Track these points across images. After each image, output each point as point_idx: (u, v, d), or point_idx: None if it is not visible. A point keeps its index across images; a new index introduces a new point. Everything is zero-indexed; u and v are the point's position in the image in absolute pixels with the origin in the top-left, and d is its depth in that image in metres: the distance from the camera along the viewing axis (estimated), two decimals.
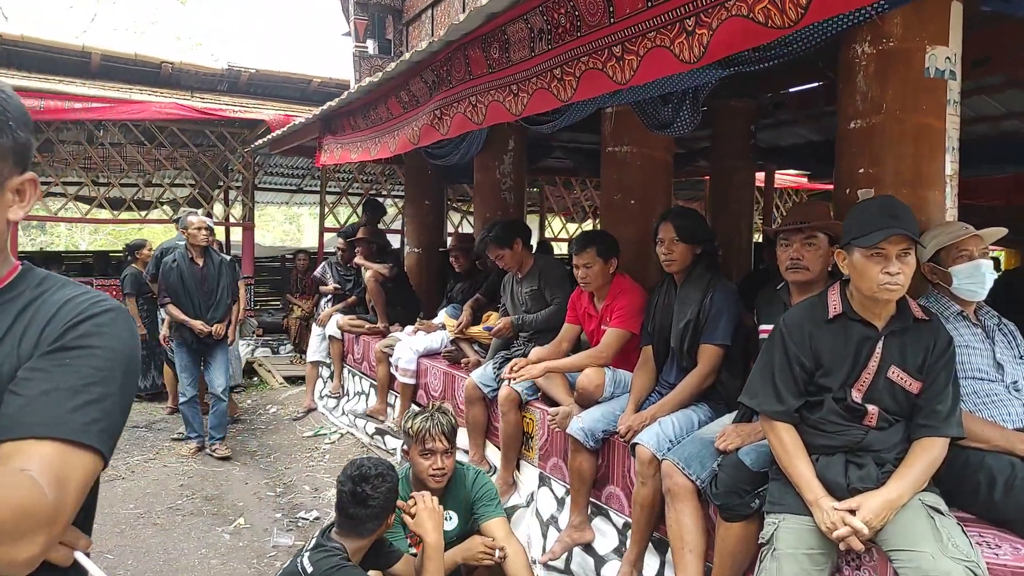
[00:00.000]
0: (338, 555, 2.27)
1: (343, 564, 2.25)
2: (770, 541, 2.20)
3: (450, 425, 2.80)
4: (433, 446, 2.76)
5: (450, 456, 2.83)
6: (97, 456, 1.01)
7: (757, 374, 2.32)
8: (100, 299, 1.10)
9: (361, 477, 2.37)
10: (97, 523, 3.68)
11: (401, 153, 4.60)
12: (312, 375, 7.08)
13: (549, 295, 4.08)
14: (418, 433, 2.76)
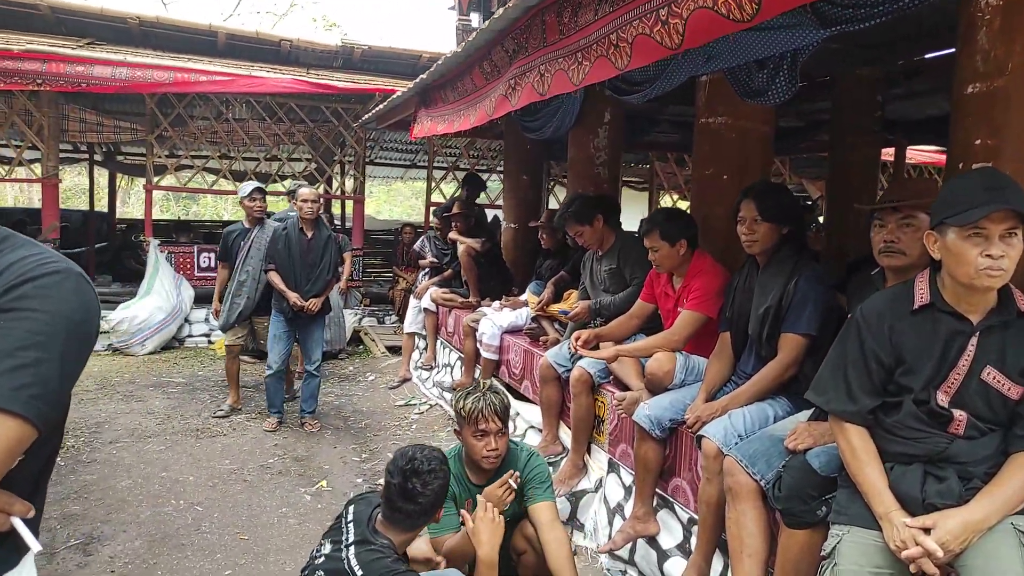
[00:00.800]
0: (388, 556, 2.18)
1: (396, 569, 2.15)
2: (832, 555, 1.97)
3: (502, 404, 2.72)
4: (486, 427, 2.70)
5: (503, 436, 2.75)
6: (25, 423, 0.98)
7: (828, 369, 2.08)
8: (49, 260, 1.07)
9: (412, 471, 2.25)
10: (193, 476, 3.90)
11: (479, 125, 4.52)
12: (408, 346, 7.22)
13: (629, 275, 3.89)
14: (470, 414, 2.69)
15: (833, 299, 2.87)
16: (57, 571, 3.32)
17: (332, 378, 7.43)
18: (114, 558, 3.47)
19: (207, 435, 5.34)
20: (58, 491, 4.22)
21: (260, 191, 5.82)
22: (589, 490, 3.74)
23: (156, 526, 3.83)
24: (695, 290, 3.18)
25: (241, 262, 5.71)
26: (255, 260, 5.66)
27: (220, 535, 3.77)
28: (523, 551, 2.90)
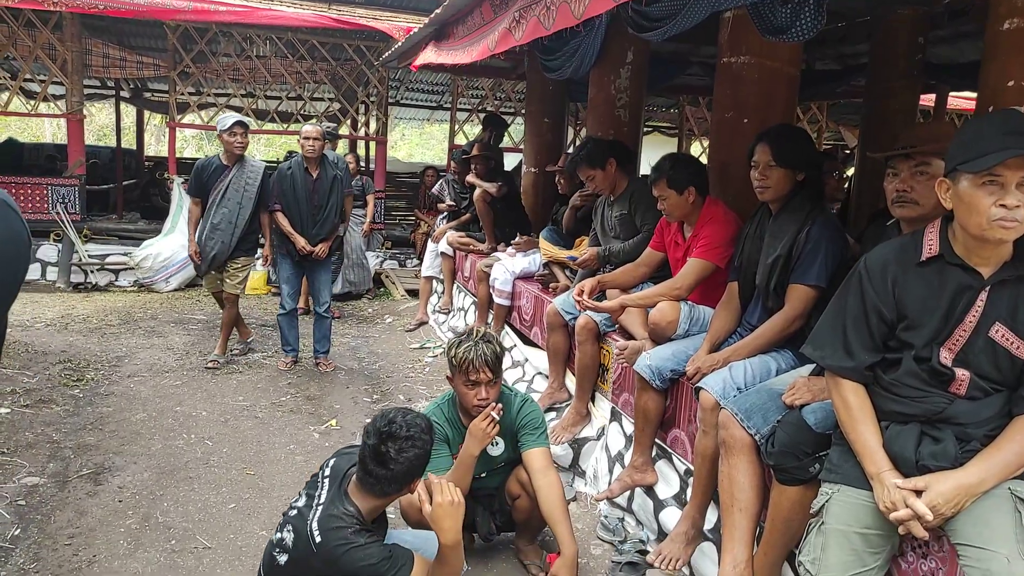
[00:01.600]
0: (349, 526, 2.11)
1: (353, 543, 2.09)
2: (820, 513, 1.92)
3: (494, 354, 2.67)
4: (477, 377, 2.66)
5: (495, 386, 2.71)
6: None
7: (826, 322, 1.98)
8: None
9: (388, 435, 2.11)
10: (206, 411, 3.93)
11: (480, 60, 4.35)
12: (426, 289, 7.21)
13: (639, 221, 3.78)
14: (461, 363, 2.65)
15: (847, 250, 2.74)
16: (67, 499, 3.41)
17: (350, 319, 7.48)
18: (123, 488, 3.55)
19: (222, 372, 5.42)
20: (75, 422, 4.33)
21: (242, 125, 5.30)
22: (591, 438, 3.72)
23: (166, 458, 3.91)
24: (703, 238, 3.07)
25: (216, 203, 5.30)
26: (232, 202, 5.29)
27: (227, 469, 3.83)
28: (517, 496, 2.89)
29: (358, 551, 2.08)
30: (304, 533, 2.12)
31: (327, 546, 2.07)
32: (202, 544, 3.10)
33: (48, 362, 5.39)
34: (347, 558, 2.07)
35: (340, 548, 2.07)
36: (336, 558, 2.07)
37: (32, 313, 6.96)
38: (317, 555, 2.09)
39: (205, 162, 5.44)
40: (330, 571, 2.12)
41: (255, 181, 5.30)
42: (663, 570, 2.68)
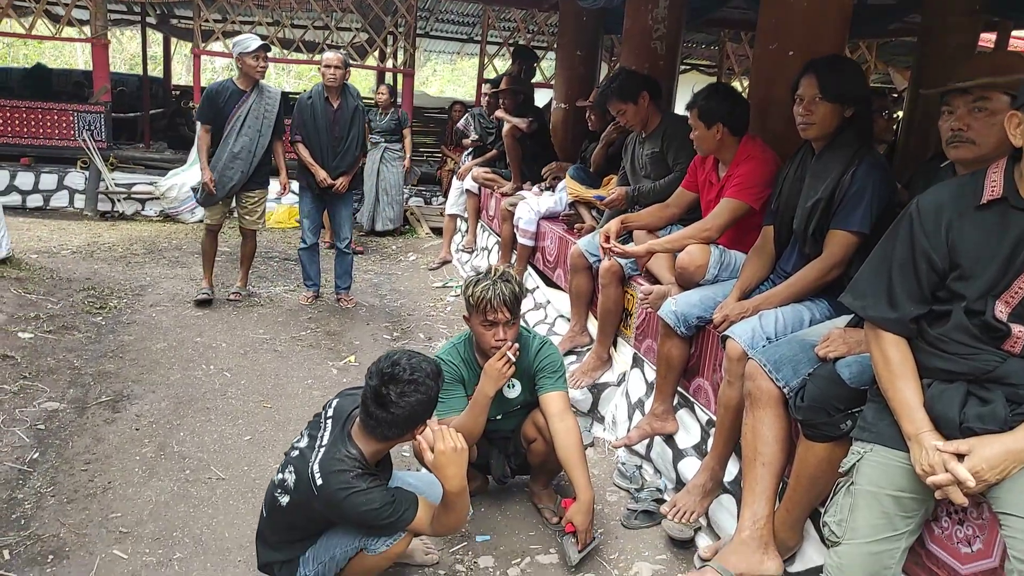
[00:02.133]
0: (351, 470, 2.04)
1: (354, 487, 2.02)
2: (850, 472, 1.80)
3: (513, 294, 2.55)
4: (495, 317, 2.55)
5: (513, 326, 2.61)
6: None
7: (870, 269, 1.82)
8: None
9: (391, 377, 2.00)
10: (226, 343, 3.90)
11: None
12: (449, 227, 7.09)
13: (672, 159, 3.58)
14: (479, 303, 2.54)
15: (894, 195, 2.54)
16: (85, 425, 3.43)
17: (373, 256, 7.41)
18: (140, 416, 3.56)
19: (244, 304, 5.40)
20: (96, 349, 4.34)
21: (265, 48, 4.95)
22: (612, 383, 3.62)
23: (184, 388, 3.91)
24: (739, 177, 2.88)
25: (236, 131, 5.00)
26: (252, 130, 5.01)
27: (245, 402, 3.82)
28: (533, 439, 2.82)
29: (360, 496, 2.02)
30: (305, 475, 2.06)
31: (328, 489, 2.02)
32: (216, 475, 3.10)
33: (72, 289, 5.41)
34: (348, 502, 2.01)
35: (341, 492, 2.01)
36: (337, 502, 2.02)
37: (59, 240, 7.00)
38: (318, 498, 2.04)
39: (219, 86, 5.08)
40: (331, 514, 2.08)
41: (273, 108, 5.11)
42: (676, 523, 2.60)
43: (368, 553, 2.13)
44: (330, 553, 2.17)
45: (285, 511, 2.16)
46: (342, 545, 2.15)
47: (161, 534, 2.66)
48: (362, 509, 2.01)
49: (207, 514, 2.82)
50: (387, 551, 2.13)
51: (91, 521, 2.71)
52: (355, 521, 2.07)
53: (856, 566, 1.72)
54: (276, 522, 2.22)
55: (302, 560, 2.21)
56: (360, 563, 2.17)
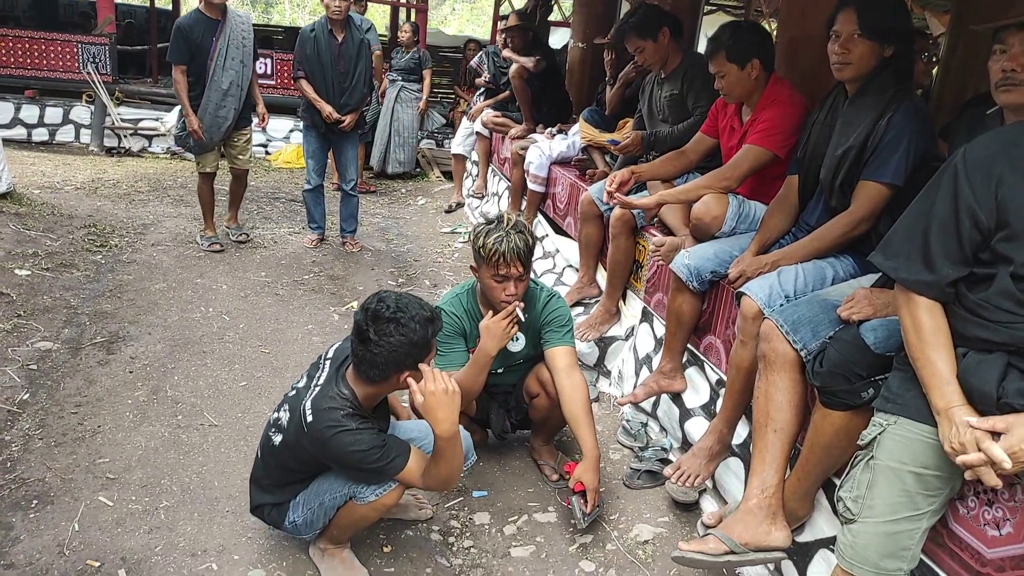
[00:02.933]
0: (342, 408, 1.96)
1: (343, 426, 1.93)
2: (870, 446, 1.66)
3: (527, 247, 2.40)
4: (507, 272, 2.40)
5: (524, 281, 2.46)
6: None
7: (904, 226, 1.64)
8: None
9: (373, 315, 1.92)
10: (227, 285, 3.77)
11: None
12: (458, 169, 6.89)
13: (692, 102, 3.35)
14: (491, 255, 2.38)
15: (933, 145, 2.34)
16: (78, 366, 3.35)
17: (382, 199, 7.25)
18: (135, 359, 3.48)
19: (247, 246, 5.28)
20: (94, 288, 4.25)
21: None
22: (619, 338, 3.48)
23: (181, 331, 3.82)
24: (763, 122, 2.67)
25: (220, 66, 4.65)
26: (236, 62, 4.69)
27: (242, 346, 3.73)
28: (536, 394, 2.71)
29: (347, 435, 1.93)
30: (297, 412, 2.01)
31: (317, 427, 1.94)
32: (209, 421, 3.02)
33: (73, 226, 5.30)
34: (335, 441, 1.93)
35: (329, 430, 1.93)
36: (324, 440, 1.94)
37: (63, 175, 6.88)
38: (307, 435, 1.97)
39: (189, 20, 4.62)
40: (319, 454, 2.00)
41: (250, 34, 4.82)
42: (680, 486, 2.49)
43: (357, 502, 2.06)
44: (319, 499, 2.10)
45: (277, 451, 2.10)
46: (331, 492, 2.08)
47: (149, 481, 2.59)
48: (349, 449, 1.93)
49: (197, 462, 2.74)
50: (376, 501, 2.04)
51: (78, 466, 2.64)
52: (342, 462, 1.99)
53: (872, 546, 1.60)
54: (269, 464, 2.16)
55: (292, 505, 2.16)
56: (349, 513, 2.10)
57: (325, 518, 2.13)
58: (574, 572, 2.33)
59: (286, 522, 2.17)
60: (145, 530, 2.34)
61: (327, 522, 2.15)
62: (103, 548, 2.25)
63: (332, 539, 2.21)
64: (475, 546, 2.44)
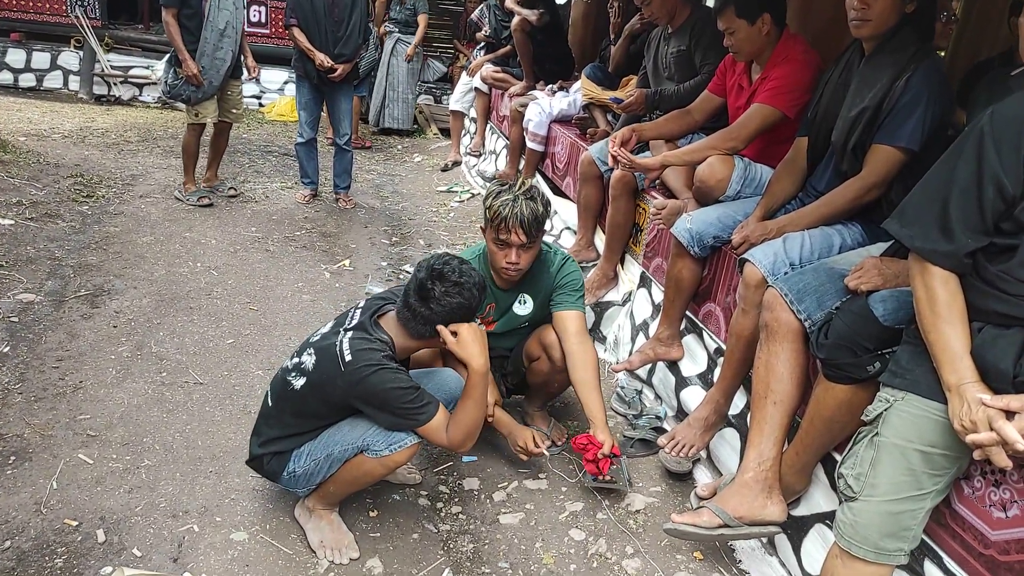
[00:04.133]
0: (381, 352, 1.96)
1: (384, 364, 1.94)
2: (875, 422, 1.58)
3: (534, 216, 2.31)
4: (508, 238, 2.31)
5: (529, 251, 2.37)
6: None
7: (923, 192, 1.54)
8: None
9: (439, 274, 1.98)
10: (216, 239, 3.66)
11: None
12: (456, 126, 6.73)
13: (699, 60, 3.22)
14: (495, 217, 2.30)
15: (951, 111, 2.23)
16: (61, 319, 3.27)
17: (377, 155, 7.10)
18: (120, 313, 3.39)
19: (237, 200, 5.16)
20: (79, 240, 4.15)
21: None
22: (616, 303, 3.41)
23: (168, 286, 3.73)
24: (773, 80, 2.55)
25: (216, 5, 4.48)
26: (229, 2, 4.53)
27: (230, 303, 3.64)
28: (536, 358, 2.64)
29: (388, 372, 1.94)
30: (332, 352, 1.98)
31: (356, 365, 1.94)
32: (194, 379, 2.95)
33: (59, 175, 5.17)
34: (376, 378, 1.92)
35: (370, 368, 1.93)
36: (363, 378, 1.93)
37: (50, 123, 6.70)
38: (344, 374, 1.95)
39: None
40: (352, 392, 1.97)
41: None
42: (674, 456, 2.44)
43: (368, 455, 2.01)
44: (327, 450, 2.05)
45: (298, 395, 2.05)
46: (343, 443, 2.03)
47: (130, 439, 2.53)
48: (389, 386, 1.93)
49: (181, 420, 2.67)
50: (388, 457, 2.00)
51: (58, 422, 2.58)
52: (377, 401, 1.96)
53: (872, 525, 1.54)
54: (283, 410, 2.11)
55: (295, 454, 2.10)
56: (356, 467, 2.04)
57: (328, 471, 2.07)
58: (563, 540, 2.28)
59: (285, 472, 2.11)
60: (125, 489, 2.29)
61: (327, 477, 2.09)
62: (82, 507, 2.19)
63: (324, 499, 2.16)
64: (463, 512, 2.39)
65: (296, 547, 2.14)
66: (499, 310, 2.60)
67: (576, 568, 2.17)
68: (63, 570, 1.96)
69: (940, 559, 1.64)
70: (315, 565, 2.08)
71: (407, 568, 2.12)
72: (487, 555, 2.20)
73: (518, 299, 2.59)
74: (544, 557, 2.20)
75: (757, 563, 2.19)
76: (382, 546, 2.19)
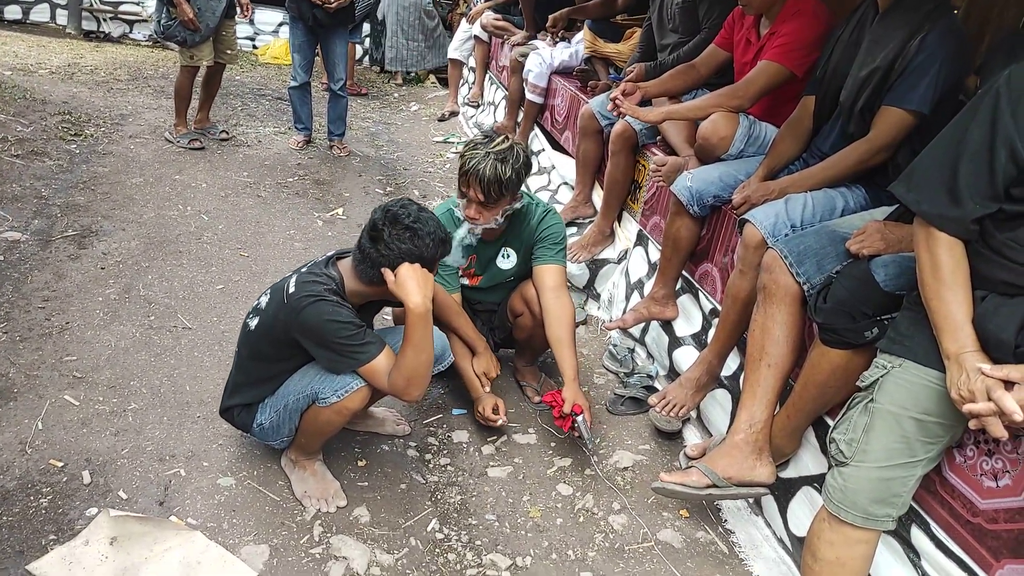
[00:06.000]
0: (325, 285, 1.90)
1: (323, 296, 1.87)
2: (871, 388, 1.57)
3: (496, 178, 2.22)
4: (468, 192, 2.28)
5: (489, 209, 2.31)
6: None
7: (931, 156, 1.50)
8: None
9: (392, 217, 1.88)
10: (206, 183, 3.58)
11: None
12: (454, 75, 6.58)
13: (703, 12, 3.11)
14: (462, 167, 2.27)
15: (965, 73, 2.17)
16: (48, 259, 3.21)
17: (373, 102, 6.96)
18: (107, 255, 3.34)
19: (230, 143, 5.05)
20: (67, 179, 4.06)
21: None
22: (611, 260, 3.37)
23: (157, 229, 3.66)
24: (782, 36, 2.47)
25: None
26: None
27: (220, 248, 3.59)
28: (520, 313, 2.61)
29: (326, 304, 1.87)
30: (280, 290, 1.98)
31: (296, 296, 1.90)
32: (182, 323, 2.91)
33: (47, 112, 5.04)
34: (313, 309, 1.87)
35: (309, 299, 1.87)
36: (302, 308, 1.87)
37: (37, 58, 6.52)
38: (285, 307, 1.92)
39: None
40: (292, 325, 1.92)
41: None
42: (664, 415, 2.43)
43: (319, 405, 1.96)
44: (284, 401, 2.03)
45: (253, 336, 2.04)
46: (295, 393, 2.00)
47: (117, 382, 2.51)
48: (326, 318, 1.86)
49: (169, 364, 2.65)
50: (338, 403, 1.94)
51: (44, 363, 2.54)
52: (315, 335, 1.90)
53: (862, 491, 1.54)
54: (242, 356, 2.11)
55: (260, 407, 2.10)
56: (313, 418, 2.01)
57: (291, 423, 2.05)
58: (551, 495, 2.29)
59: (254, 425, 2.11)
60: (112, 432, 2.27)
61: (294, 429, 2.07)
62: (67, 448, 2.18)
63: (302, 449, 2.15)
64: (452, 464, 2.39)
65: (283, 494, 2.13)
66: (481, 263, 2.56)
67: (562, 522, 2.18)
68: (48, 510, 1.95)
69: (927, 525, 1.65)
70: (302, 512, 2.08)
71: (394, 518, 2.12)
72: (474, 507, 2.21)
73: (501, 252, 2.55)
74: (531, 511, 2.21)
75: (743, 523, 2.20)
76: (369, 495, 2.19)
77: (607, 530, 2.16)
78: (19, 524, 1.89)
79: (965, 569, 1.55)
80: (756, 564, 2.08)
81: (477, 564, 2.00)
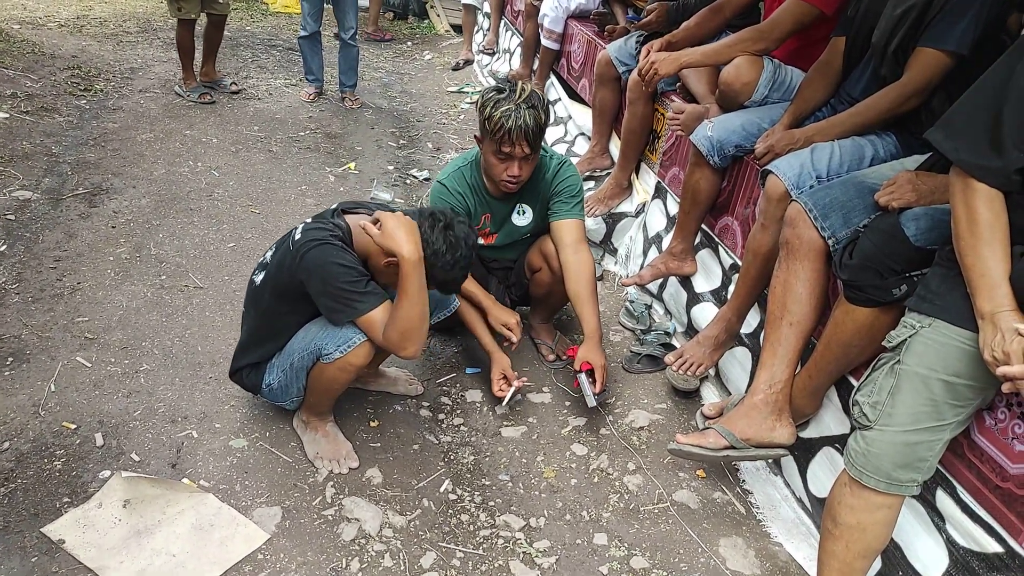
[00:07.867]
0: (331, 232, 1.86)
1: (329, 240, 1.84)
2: (898, 349, 1.49)
3: (537, 124, 2.15)
4: (511, 151, 2.17)
5: (531, 161, 2.23)
6: None
7: (971, 103, 1.39)
8: None
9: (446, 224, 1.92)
10: (217, 138, 3.50)
11: None
12: (468, 22, 6.39)
13: None
14: (496, 130, 2.14)
15: (1008, 10, 2.02)
16: (59, 218, 3.19)
17: (386, 52, 6.79)
18: (118, 213, 3.31)
19: (240, 96, 4.96)
20: (77, 135, 4.01)
21: None
22: (629, 214, 3.27)
23: (167, 186, 3.62)
24: None
25: None
26: None
27: (232, 205, 3.54)
28: (538, 269, 2.55)
29: (332, 248, 1.84)
30: (287, 240, 1.95)
31: (302, 241, 1.87)
32: (194, 283, 2.89)
33: (56, 67, 4.97)
34: (318, 251, 1.83)
35: (314, 243, 1.84)
36: (306, 252, 1.84)
37: (45, 10, 6.42)
38: (291, 253, 1.89)
39: None
40: (296, 270, 1.87)
41: None
42: (681, 374, 2.37)
43: (323, 361, 1.93)
44: (289, 360, 2.01)
45: (258, 291, 2.02)
46: (300, 350, 1.97)
47: (129, 343, 2.49)
48: (330, 259, 1.82)
49: (180, 324, 2.63)
50: (342, 359, 1.90)
51: (56, 324, 2.54)
52: (317, 279, 1.85)
53: (886, 456, 1.48)
54: (249, 313, 2.09)
55: (268, 367, 2.08)
56: (319, 376, 1.98)
57: (298, 382, 2.03)
58: (565, 455, 2.26)
59: (263, 385, 2.09)
60: (124, 393, 2.26)
61: (302, 389, 2.05)
62: (80, 410, 2.17)
63: (312, 409, 2.12)
64: (465, 424, 2.36)
65: (295, 455, 2.12)
66: (496, 221, 2.48)
67: (577, 483, 2.15)
68: (62, 472, 1.96)
69: (954, 489, 1.59)
70: (314, 473, 2.07)
71: (407, 479, 2.10)
72: (487, 467, 2.19)
73: (516, 209, 2.47)
74: (545, 471, 2.19)
75: (761, 483, 2.16)
76: (382, 456, 2.17)
77: (622, 491, 2.13)
78: (33, 487, 1.90)
79: (993, 534, 1.50)
80: (774, 525, 2.04)
81: (491, 525, 1.98)
